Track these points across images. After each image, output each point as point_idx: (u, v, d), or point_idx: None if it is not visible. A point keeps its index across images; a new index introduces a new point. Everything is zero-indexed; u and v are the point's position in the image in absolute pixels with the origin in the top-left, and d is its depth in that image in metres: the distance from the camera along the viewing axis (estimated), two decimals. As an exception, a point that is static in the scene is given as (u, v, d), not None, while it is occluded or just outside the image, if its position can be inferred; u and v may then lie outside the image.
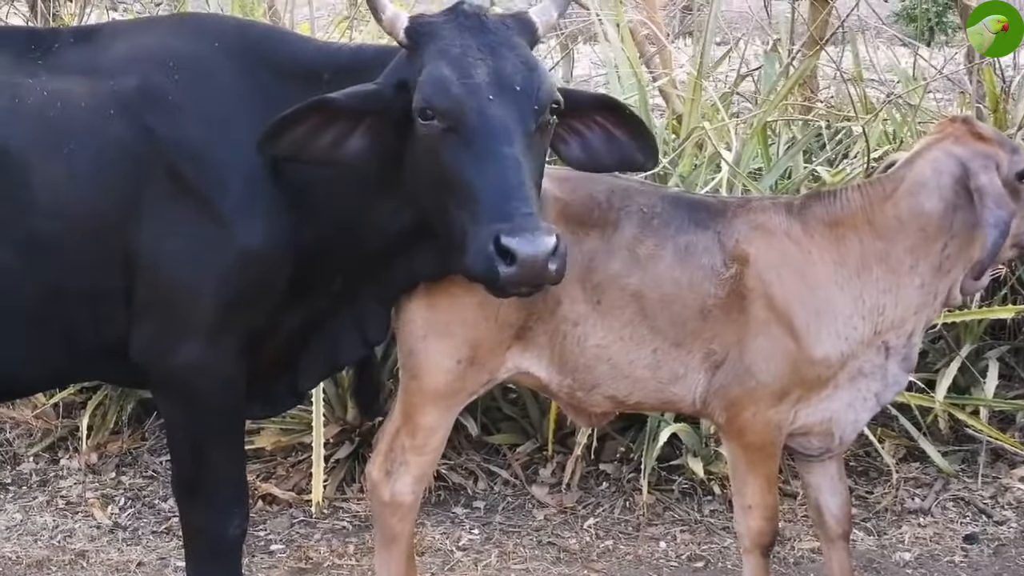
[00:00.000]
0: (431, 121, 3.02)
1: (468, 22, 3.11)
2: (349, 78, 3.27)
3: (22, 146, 3.23)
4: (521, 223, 2.92)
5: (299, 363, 3.65)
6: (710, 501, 4.77)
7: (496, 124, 3.00)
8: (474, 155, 2.99)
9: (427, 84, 3.03)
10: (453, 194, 3.03)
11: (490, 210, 2.95)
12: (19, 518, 4.75)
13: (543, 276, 2.97)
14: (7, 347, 3.35)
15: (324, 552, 4.51)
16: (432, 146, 3.05)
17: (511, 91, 3.03)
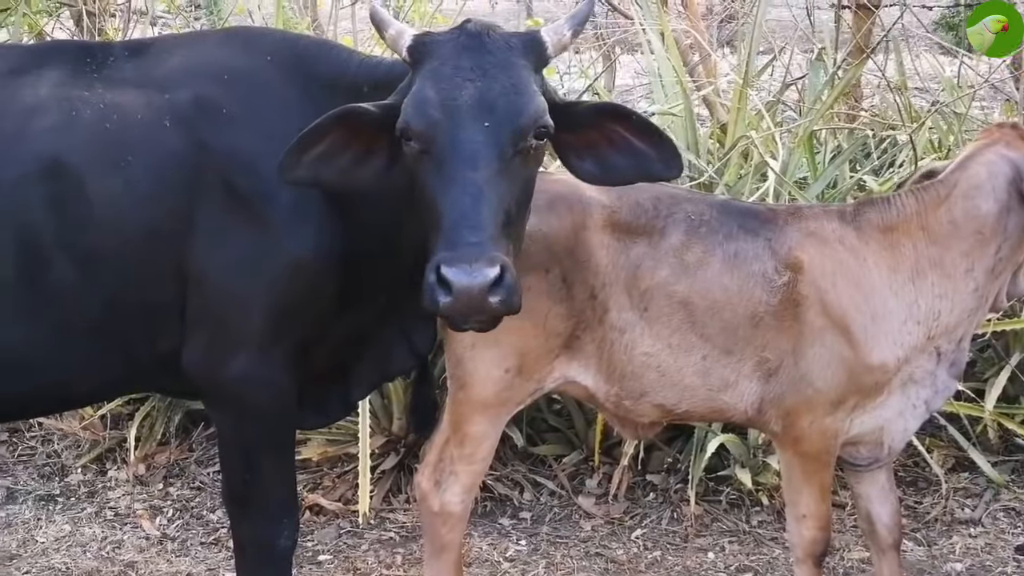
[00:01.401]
0: (410, 142, 3.00)
1: (469, 41, 3.06)
2: (385, 92, 3.27)
3: (79, 159, 3.25)
4: (462, 253, 2.85)
5: (350, 373, 3.65)
6: (758, 512, 4.74)
7: (465, 148, 2.93)
8: (441, 179, 2.94)
9: (408, 105, 3.00)
10: (427, 218, 2.99)
11: (440, 237, 2.90)
12: (68, 529, 4.78)
13: (482, 308, 2.87)
14: (64, 359, 3.36)
15: (372, 562, 4.52)
16: (410, 167, 3.03)
17: (489, 115, 2.96)
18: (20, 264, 3.24)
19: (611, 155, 3.19)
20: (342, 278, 3.36)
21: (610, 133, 3.18)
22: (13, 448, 5.35)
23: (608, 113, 3.22)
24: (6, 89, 3.34)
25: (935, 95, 6.20)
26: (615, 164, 3.20)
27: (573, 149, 3.18)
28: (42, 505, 4.95)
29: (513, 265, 2.91)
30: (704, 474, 4.70)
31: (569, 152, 3.18)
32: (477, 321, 2.96)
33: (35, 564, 4.54)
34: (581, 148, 3.18)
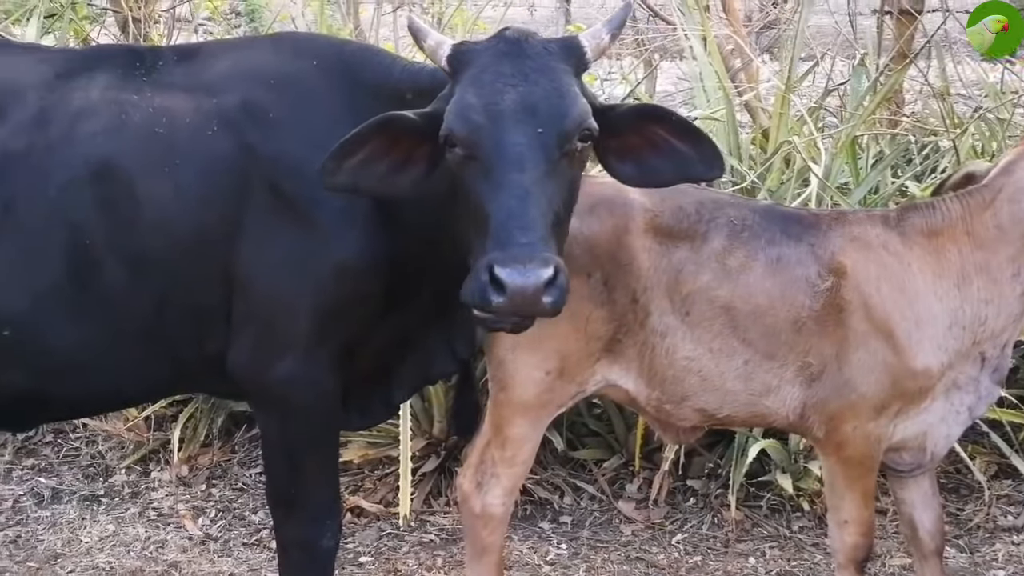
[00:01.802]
0: (454, 148, 3.01)
1: (507, 48, 3.08)
2: (427, 99, 3.28)
3: (128, 162, 3.29)
4: (515, 253, 2.85)
5: (392, 376, 3.67)
6: (799, 517, 4.74)
7: (510, 152, 2.94)
8: (488, 183, 2.95)
9: (451, 112, 3.01)
10: (473, 221, 3.00)
11: (491, 238, 2.90)
12: (112, 529, 4.82)
13: (535, 308, 2.89)
14: (113, 360, 3.40)
15: (412, 564, 4.54)
16: (455, 173, 3.04)
17: (534, 118, 2.97)
18: (71, 266, 3.28)
19: (651, 157, 3.19)
20: (387, 281, 3.38)
21: (650, 135, 3.18)
22: (58, 449, 5.40)
23: (648, 115, 3.23)
24: (57, 92, 3.38)
25: (978, 101, 6.18)
26: (655, 166, 3.20)
27: (613, 152, 3.18)
28: (86, 505, 5.00)
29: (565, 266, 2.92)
30: (745, 479, 4.70)
31: (609, 155, 3.19)
32: (522, 320, 2.97)
33: (79, 563, 4.59)
34: (621, 150, 3.18)
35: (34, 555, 4.65)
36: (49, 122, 3.33)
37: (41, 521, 4.89)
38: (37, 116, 3.33)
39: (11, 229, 3.26)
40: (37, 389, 3.44)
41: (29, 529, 4.83)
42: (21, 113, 3.33)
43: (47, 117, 3.33)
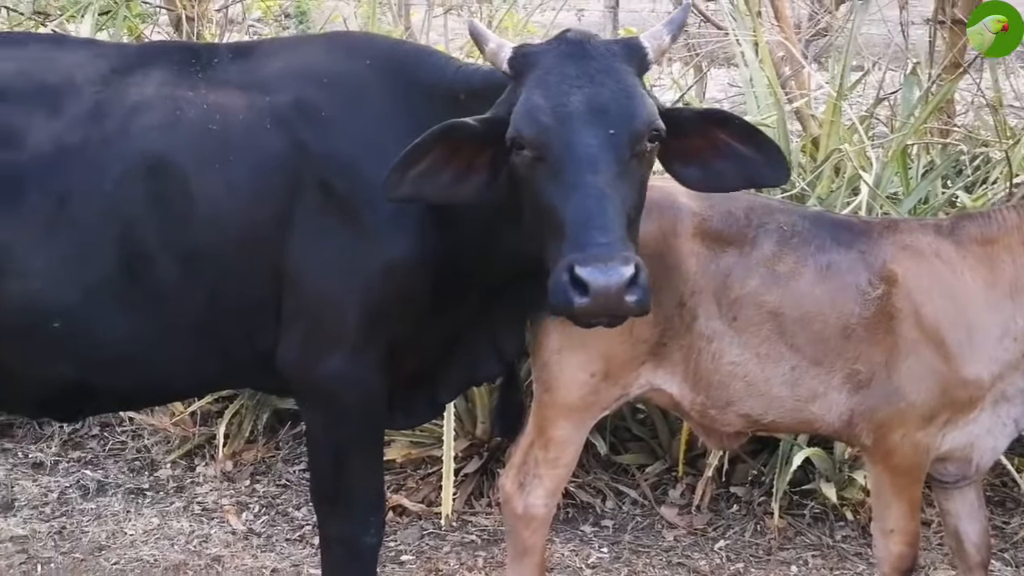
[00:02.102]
0: (522, 151, 3.00)
1: (570, 49, 3.08)
2: (481, 100, 3.30)
3: (182, 158, 3.32)
4: (595, 253, 2.84)
5: (438, 377, 3.69)
6: (842, 527, 4.71)
7: (582, 153, 2.94)
8: (560, 184, 2.94)
9: (518, 114, 3.01)
10: (545, 224, 2.99)
11: (569, 240, 2.88)
12: (156, 522, 4.85)
13: (619, 308, 2.88)
14: (164, 353, 3.44)
15: (454, 564, 4.55)
16: (523, 176, 3.03)
17: (604, 119, 2.97)
18: (123, 260, 3.32)
19: (716, 161, 3.20)
20: (435, 282, 3.40)
21: (715, 139, 3.19)
22: (104, 442, 5.45)
23: (714, 119, 3.24)
24: (113, 87, 3.42)
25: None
26: (720, 169, 3.21)
27: (677, 155, 3.18)
28: (131, 498, 5.04)
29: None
30: (788, 487, 4.67)
31: (673, 158, 3.19)
32: (609, 320, 2.96)
33: (124, 555, 4.63)
34: (685, 154, 3.19)
35: (79, 546, 4.69)
36: (104, 117, 3.36)
37: (86, 513, 4.93)
38: (93, 110, 3.37)
39: (65, 222, 3.30)
40: (86, 381, 3.48)
41: (74, 521, 4.88)
42: (77, 107, 3.37)
43: (102, 112, 3.37)
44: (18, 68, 3.42)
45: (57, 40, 3.85)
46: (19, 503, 5.00)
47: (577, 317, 2.93)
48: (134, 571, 4.52)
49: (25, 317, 3.34)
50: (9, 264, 3.29)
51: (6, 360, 3.42)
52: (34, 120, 3.34)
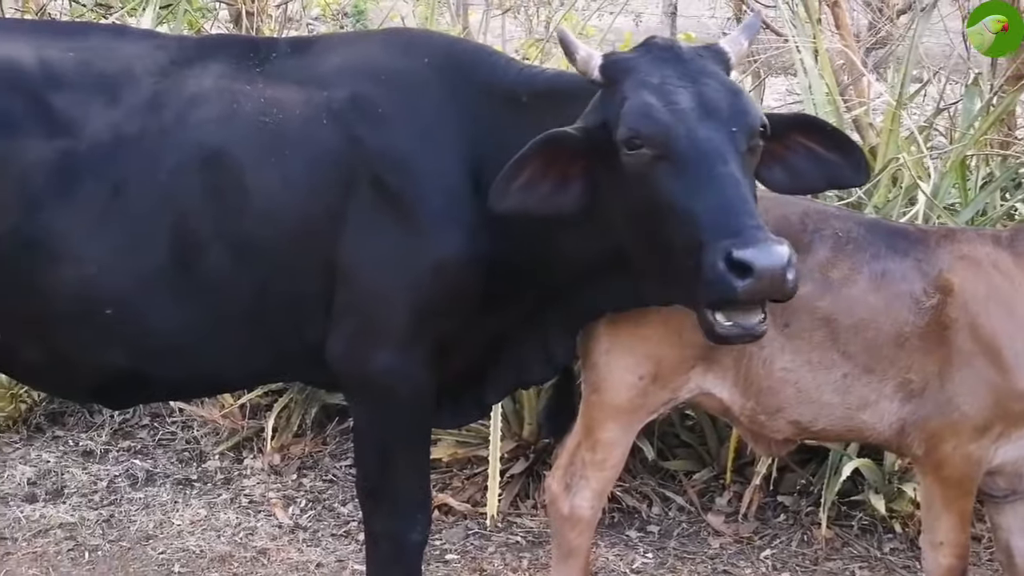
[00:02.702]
0: (639, 150, 2.97)
1: (664, 54, 3.09)
2: (545, 103, 3.31)
3: (238, 150, 3.34)
4: (752, 235, 2.82)
5: (486, 377, 3.69)
6: (891, 539, 4.66)
7: (709, 146, 2.93)
8: (689, 180, 2.92)
9: (631, 113, 2.98)
10: (668, 223, 2.95)
11: (716, 228, 2.85)
12: (203, 514, 4.88)
13: (783, 288, 2.85)
14: (215, 345, 3.46)
15: (498, 565, 4.54)
16: (641, 176, 2.99)
17: (718, 115, 2.98)
18: (176, 250, 3.34)
19: (798, 162, 3.22)
20: (486, 282, 3.39)
21: (799, 142, 3.22)
22: (154, 432, 5.48)
23: (801, 124, 3.28)
24: (171, 79, 3.43)
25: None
26: (804, 171, 3.23)
27: (763, 156, 3.16)
28: (179, 489, 5.07)
29: None
30: (836, 498, 4.63)
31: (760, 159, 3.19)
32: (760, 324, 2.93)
33: (171, 545, 4.66)
34: (771, 156, 3.18)
35: (126, 535, 4.73)
36: (162, 107, 3.39)
37: (135, 502, 4.97)
38: (151, 101, 3.39)
39: (120, 211, 3.33)
40: (138, 369, 3.51)
41: (123, 510, 4.91)
42: (135, 97, 3.40)
43: (160, 102, 3.39)
44: (79, 58, 3.44)
45: (118, 31, 3.87)
46: (69, 490, 5.04)
47: (741, 301, 2.87)
48: (180, 561, 4.55)
49: (79, 303, 3.36)
50: (64, 250, 3.32)
51: (60, 346, 3.46)
52: (93, 109, 3.36)
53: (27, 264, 3.32)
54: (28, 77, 3.36)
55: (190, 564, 4.54)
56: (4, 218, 3.29)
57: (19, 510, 4.88)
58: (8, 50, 3.39)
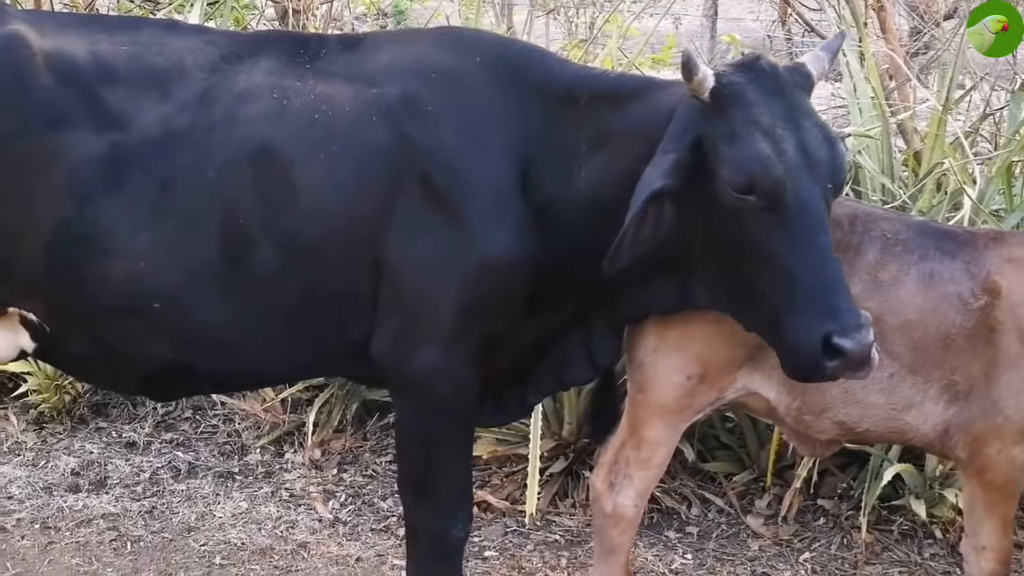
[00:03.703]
0: (748, 196, 3.00)
1: (769, 84, 3.08)
2: (607, 105, 3.32)
3: (287, 146, 3.35)
4: (849, 322, 2.97)
5: (529, 376, 3.70)
6: (931, 544, 4.64)
7: (812, 210, 3.00)
8: (792, 240, 2.99)
9: (748, 160, 2.99)
10: (762, 271, 3.05)
11: (815, 305, 2.99)
12: (244, 506, 4.91)
13: (865, 368, 3.04)
14: (260, 339, 3.48)
15: (537, 563, 4.55)
16: (743, 220, 3.04)
17: (819, 172, 3.02)
18: (223, 245, 3.36)
19: None
20: (531, 284, 3.41)
21: None
22: (196, 425, 5.52)
23: None
24: (222, 74, 3.45)
25: None
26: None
27: None
28: (221, 481, 5.10)
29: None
30: (877, 502, 4.62)
31: None
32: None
33: (212, 537, 4.69)
34: None
35: (168, 526, 4.76)
36: (212, 103, 3.40)
37: (177, 494, 5.00)
38: (201, 96, 3.41)
39: (168, 205, 3.34)
40: (184, 362, 3.54)
41: (165, 501, 4.95)
42: (186, 93, 3.41)
43: (211, 98, 3.41)
44: (131, 52, 3.46)
45: (169, 26, 3.89)
46: (111, 481, 5.08)
47: (822, 379, 3.08)
48: (222, 553, 4.58)
49: (127, 297, 3.39)
50: (113, 244, 3.35)
51: (108, 338, 3.49)
52: (144, 104, 3.38)
53: (76, 257, 3.35)
54: (80, 71, 3.38)
55: (231, 556, 4.57)
56: (54, 211, 3.32)
57: (63, 500, 4.92)
58: (61, 43, 3.41)
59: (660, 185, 3.03)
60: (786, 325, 3.03)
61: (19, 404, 5.61)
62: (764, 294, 3.07)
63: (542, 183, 3.35)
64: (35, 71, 3.32)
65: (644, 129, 3.23)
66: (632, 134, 3.27)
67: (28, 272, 3.37)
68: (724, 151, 3.03)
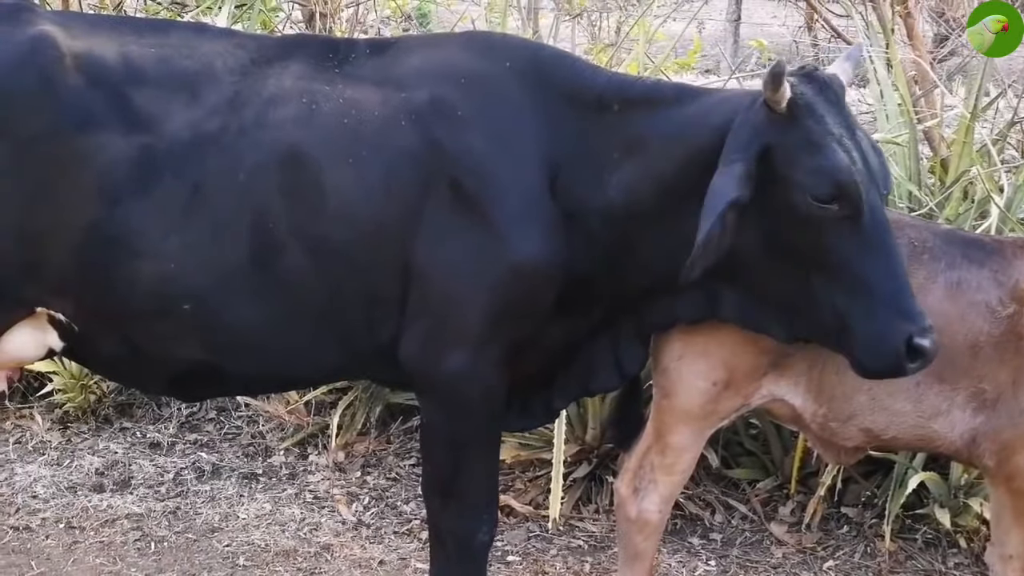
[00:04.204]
0: (830, 205, 3.07)
1: (831, 96, 3.17)
2: (641, 111, 3.34)
3: (316, 150, 3.35)
4: (924, 323, 3.12)
5: (555, 381, 3.71)
6: (955, 554, 4.62)
7: (883, 216, 3.13)
8: (869, 246, 3.11)
9: (835, 171, 3.07)
10: (835, 277, 3.14)
11: (893, 309, 3.11)
12: (268, 508, 4.92)
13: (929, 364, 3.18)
14: (289, 341, 3.49)
15: (560, 568, 4.55)
16: (821, 229, 3.11)
17: (876, 177, 3.14)
18: (253, 248, 3.37)
19: None
20: (560, 288, 3.41)
21: None
22: (220, 426, 5.54)
23: None
24: (251, 77, 3.46)
25: None
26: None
27: None
28: (244, 483, 5.12)
29: None
30: (901, 511, 4.61)
31: None
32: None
33: (235, 538, 4.70)
34: None
35: (192, 527, 4.78)
36: (242, 107, 3.41)
37: (200, 495, 5.02)
38: (231, 100, 3.41)
39: (198, 208, 3.35)
40: (212, 363, 3.55)
41: (189, 502, 4.96)
42: (215, 96, 3.42)
43: (240, 101, 3.41)
44: (160, 55, 3.47)
45: (198, 28, 3.90)
46: (136, 481, 5.10)
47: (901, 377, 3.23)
48: (245, 554, 4.60)
49: (157, 298, 3.40)
50: (144, 246, 3.36)
51: (137, 339, 3.50)
52: (173, 107, 3.39)
53: (107, 259, 3.37)
54: (110, 72, 3.39)
55: (255, 557, 4.58)
56: (84, 212, 3.33)
57: (87, 499, 4.94)
58: (90, 45, 3.42)
59: (737, 195, 3.06)
60: (862, 329, 3.13)
61: (44, 403, 5.64)
62: (831, 300, 3.15)
63: (571, 188, 3.36)
64: (64, 72, 3.33)
65: (683, 136, 3.26)
66: (670, 141, 3.29)
67: (58, 272, 3.39)
68: (805, 161, 3.09)
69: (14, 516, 4.82)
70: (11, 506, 4.89)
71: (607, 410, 4.71)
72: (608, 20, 7.45)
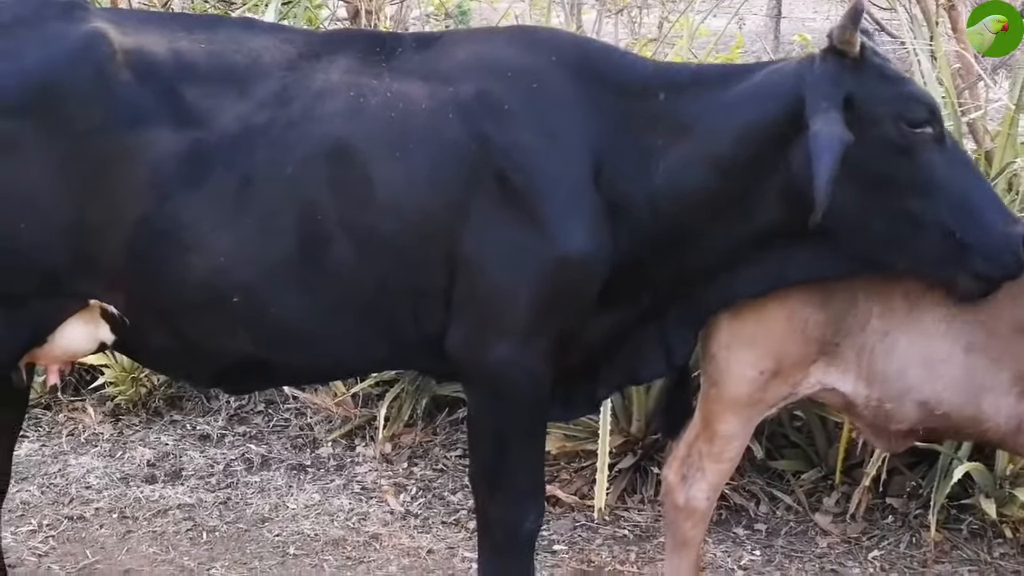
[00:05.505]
0: (925, 128, 3.25)
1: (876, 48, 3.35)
2: (687, 95, 3.38)
3: (363, 144, 3.38)
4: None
5: (599, 372, 3.73)
6: (1001, 544, 4.63)
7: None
8: (959, 163, 3.34)
9: (922, 95, 3.32)
10: (937, 199, 3.28)
11: (998, 214, 3.30)
12: (317, 498, 4.99)
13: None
14: (336, 333, 3.51)
15: (606, 557, 4.58)
16: (917, 154, 3.27)
17: None
18: (302, 240, 3.39)
19: None
20: (607, 279, 3.43)
21: None
22: (269, 419, 5.61)
23: None
24: (299, 72, 3.48)
25: None
26: None
27: None
28: (293, 474, 5.18)
29: None
30: (946, 501, 4.61)
31: None
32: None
33: (285, 528, 4.77)
34: None
35: (243, 517, 4.85)
36: (290, 100, 3.43)
37: (250, 486, 5.09)
38: (279, 94, 3.44)
39: (248, 201, 3.38)
40: (260, 355, 3.57)
41: (239, 492, 5.04)
42: (264, 90, 3.45)
43: (288, 95, 3.44)
44: (209, 50, 3.50)
45: (246, 24, 3.94)
46: (187, 472, 5.18)
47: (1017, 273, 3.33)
48: (295, 544, 4.66)
49: (207, 291, 3.43)
50: (194, 239, 3.39)
51: (187, 332, 3.54)
52: (223, 101, 3.42)
53: (157, 252, 3.40)
54: (160, 68, 3.42)
55: (305, 547, 4.64)
56: (136, 207, 3.37)
57: (139, 490, 5.02)
58: (141, 41, 3.46)
59: (846, 136, 3.18)
60: (979, 240, 3.27)
61: (96, 396, 5.73)
62: (938, 221, 3.28)
63: (617, 180, 3.38)
64: (116, 68, 3.37)
65: (738, 114, 3.34)
66: (723, 121, 3.35)
67: (110, 266, 3.42)
68: (891, 93, 3.27)
69: (68, 506, 4.90)
70: (66, 496, 4.98)
71: (653, 400, 4.75)
72: (650, 16, 7.45)
